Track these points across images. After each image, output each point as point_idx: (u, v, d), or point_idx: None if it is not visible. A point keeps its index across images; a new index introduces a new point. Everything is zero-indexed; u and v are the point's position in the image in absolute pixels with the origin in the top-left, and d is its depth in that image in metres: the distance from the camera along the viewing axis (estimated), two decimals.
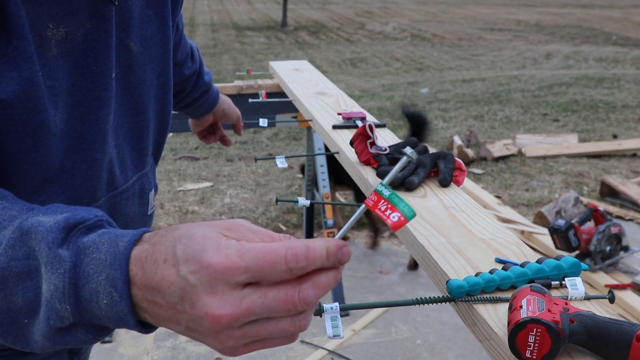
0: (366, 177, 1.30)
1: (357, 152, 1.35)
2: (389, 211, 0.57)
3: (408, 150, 0.59)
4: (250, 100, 2.24)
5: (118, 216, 0.96)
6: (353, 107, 1.85)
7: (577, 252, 3.59)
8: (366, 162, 1.36)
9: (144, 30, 0.93)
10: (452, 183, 1.26)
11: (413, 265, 3.90)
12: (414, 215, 0.58)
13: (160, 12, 0.97)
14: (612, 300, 0.84)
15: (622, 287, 3.44)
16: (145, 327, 0.58)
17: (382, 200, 0.58)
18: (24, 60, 0.71)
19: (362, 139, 1.33)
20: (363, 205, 0.60)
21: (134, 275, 0.53)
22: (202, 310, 0.50)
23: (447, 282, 0.87)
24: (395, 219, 0.57)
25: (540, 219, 4.38)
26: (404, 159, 0.60)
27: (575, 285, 0.84)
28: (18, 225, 0.57)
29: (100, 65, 0.82)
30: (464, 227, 1.06)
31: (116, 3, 0.84)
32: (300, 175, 5.39)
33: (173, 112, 1.17)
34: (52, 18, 0.74)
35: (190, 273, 0.50)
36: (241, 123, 1.76)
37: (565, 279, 0.86)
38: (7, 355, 0.90)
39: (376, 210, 0.58)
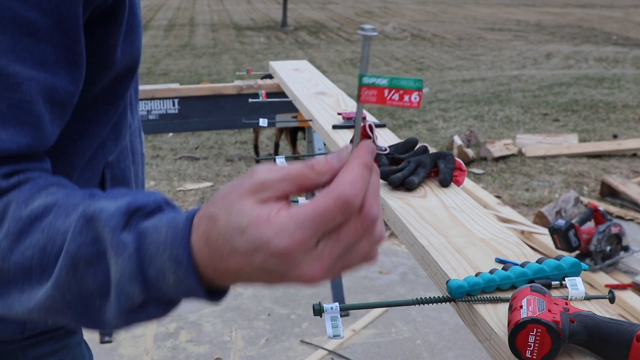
0: None
1: None
2: (406, 96, 0.57)
3: (366, 28, 0.56)
4: (250, 100, 2.24)
5: (135, 154, 1.01)
6: (353, 107, 1.84)
7: (577, 252, 3.59)
8: None
9: None
10: (452, 183, 1.25)
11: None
12: (421, 80, 0.57)
13: None
14: (612, 300, 0.84)
15: (623, 287, 3.44)
16: (215, 296, 0.60)
17: (387, 90, 0.57)
18: (142, 30, 0.85)
19: (362, 139, 1.33)
20: (359, 105, 0.59)
21: (198, 250, 0.55)
22: (294, 279, 0.54)
23: (447, 282, 0.86)
24: (418, 99, 0.57)
25: (541, 219, 4.38)
26: (365, 43, 0.56)
27: (576, 285, 0.84)
28: (82, 213, 0.60)
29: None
30: (464, 227, 1.06)
31: None
32: None
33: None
34: None
35: (265, 261, 0.52)
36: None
37: (566, 279, 0.86)
38: (58, 335, 0.98)
39: (388, 102, 0.57)
